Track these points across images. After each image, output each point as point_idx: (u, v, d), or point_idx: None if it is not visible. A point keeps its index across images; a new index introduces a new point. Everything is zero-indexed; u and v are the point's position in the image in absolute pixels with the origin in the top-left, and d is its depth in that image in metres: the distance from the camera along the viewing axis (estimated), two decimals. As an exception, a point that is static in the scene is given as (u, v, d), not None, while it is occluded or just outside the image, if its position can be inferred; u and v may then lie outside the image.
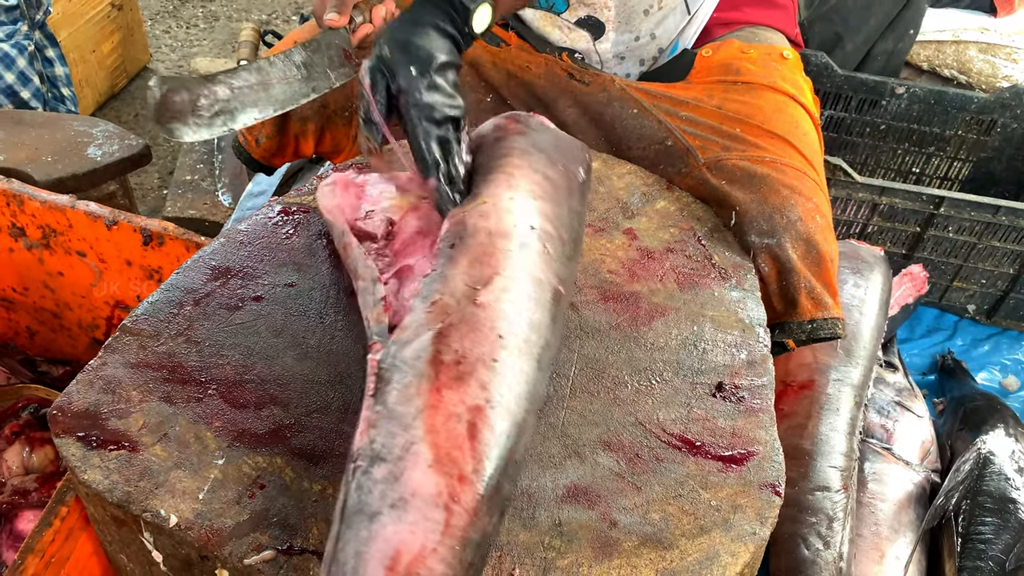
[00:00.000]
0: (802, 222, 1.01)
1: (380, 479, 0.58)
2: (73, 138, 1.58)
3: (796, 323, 1.03)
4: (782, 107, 1.12)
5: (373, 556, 0.56)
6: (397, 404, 0.62)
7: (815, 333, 1.03)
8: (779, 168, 1.05)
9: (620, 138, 1.17)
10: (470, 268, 0.71)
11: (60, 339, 1.38)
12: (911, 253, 1.73)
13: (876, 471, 1.31)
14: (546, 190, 0.80)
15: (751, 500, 0.74)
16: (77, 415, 0.76)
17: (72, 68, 2.18)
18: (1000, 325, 1.81)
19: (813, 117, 1.15)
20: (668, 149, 1.12)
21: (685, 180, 1.10)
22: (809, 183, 1.05)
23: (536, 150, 0.84)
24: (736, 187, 1.05)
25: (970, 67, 2.04)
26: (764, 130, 1.09)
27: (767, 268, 1.01)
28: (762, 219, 1.01)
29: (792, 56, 1.19)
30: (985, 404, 1.47)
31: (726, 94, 1.14)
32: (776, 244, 1.00)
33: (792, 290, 1.02)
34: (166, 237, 1.14)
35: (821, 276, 1.04)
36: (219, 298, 0.89)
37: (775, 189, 1.03)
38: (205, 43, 2.76)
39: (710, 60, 1.17)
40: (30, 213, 1.21)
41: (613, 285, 0.94)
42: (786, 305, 1.03)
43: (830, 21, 1.85)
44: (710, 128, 1.11)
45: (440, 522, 0.57)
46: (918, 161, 1.94)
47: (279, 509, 0.70)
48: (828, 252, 1.04)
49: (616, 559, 0.68)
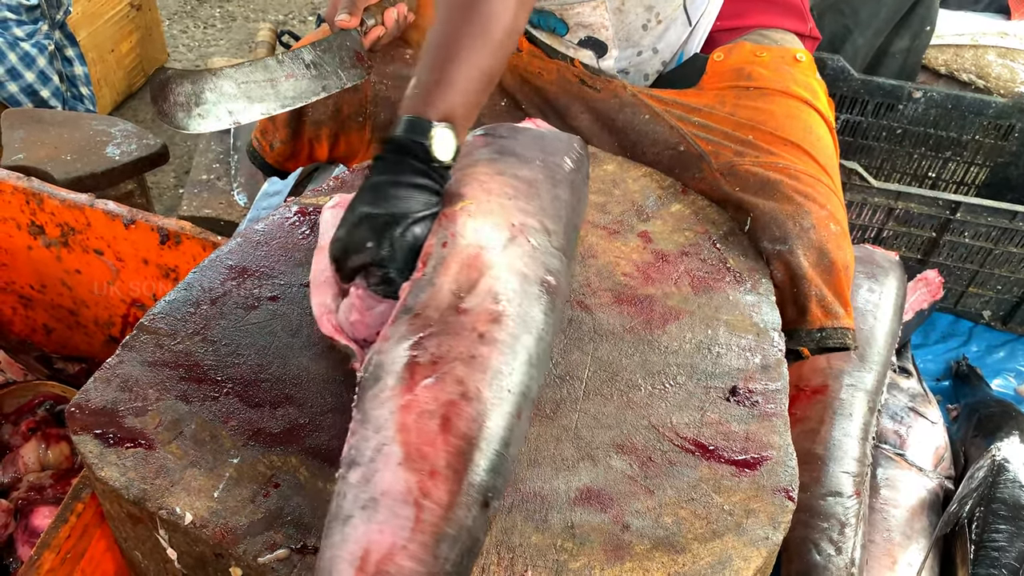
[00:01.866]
0: (815, 230, 1.01)
1: (354, 483, 0.59)
2: (92, 137, 1.60)
3: (805, 331, 1.03)
4: (795, 113, 1.11)
5: (343, 559, 0.56)
6: (372, 408, 0.63)
7: (824, 342, 1.03)
8: (792, 175, 1.05)
9: (633, 143, 1.17)
10: (457, 275, 0.70)
11: (76, 336, 1.40)
12: (926, 258, 1.72)
13: (889, 477, 1.30)
14: (518, 188, 0.80)
15: (764, 505, 0.73)
16: (94, 412, 0.77)
17: (91, 67, 2.20)
18: (1016, 332, 1.79)
19: (827, 121, 1.15)
20: (681, 154, 1.12)
21: (698, 185, 1.10)
22: (823, 189, 1.05)
23: (503, 154, 0.84)
24: (749, 193, 1.05)
25: (988, 71, 2.02)
26: (777, 136, 1.08)
27: (780, 274, 1.01)
28: (775, 225, 1.01)
29: (806, 58, 1.18)
30: (1000, 411, 1.45)
31: (738, 100, 1.13)
32: (788, 251, 1.00)
33: (803, 298, 1.02)
34: (183, 236, 1.15)
35: (833, 285, 1.03)
36: (235, 297, 0.89)
37: (788, 196, 1.03)
38: (222, 43, 2.78)
39: (722, 65, 1.17)
40: (49, 211, 1.22)
41: (627, 288, 0.94)
42: (797, 312, 1.03)
43: (840, 12, 1.84)
44: (723, 134, 1.11)
45: (410, 519, 0.57)
46: (935, 166, 1.93)
47: (293, 508, 0.71)
48: (841, 260, 1.03)
49: (628, 562, 0.68)
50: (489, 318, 0.68)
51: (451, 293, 0.69)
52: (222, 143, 2.12)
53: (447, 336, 0.66)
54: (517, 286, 0.71)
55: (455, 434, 0.61)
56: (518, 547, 0.68)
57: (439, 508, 0.58)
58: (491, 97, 1.23)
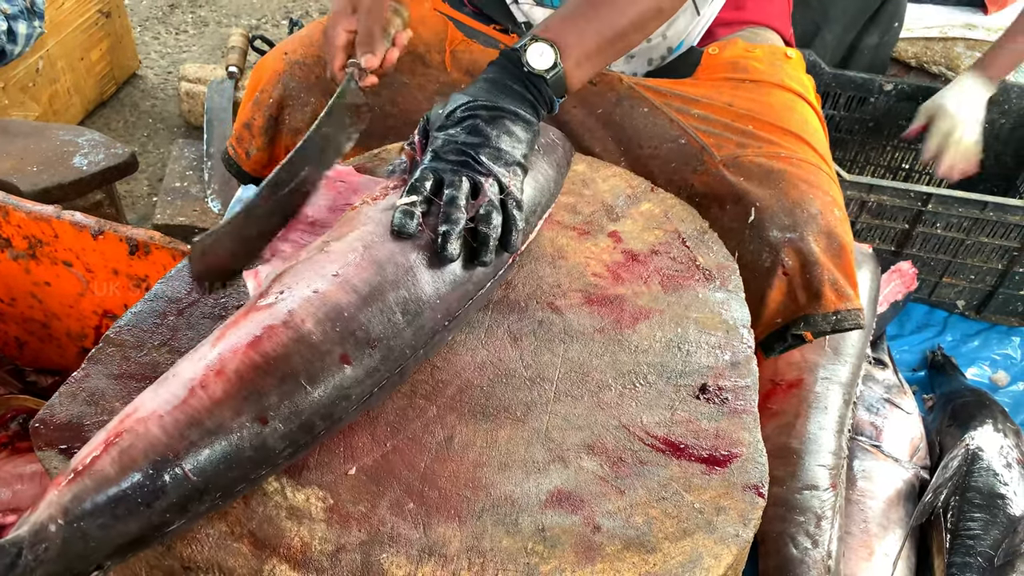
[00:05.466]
0: (822, 216, 1.02)
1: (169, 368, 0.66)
2: (59, 147, 1.58)
3: (821, 315, 1.04)
4: (791, 104, 1.13)
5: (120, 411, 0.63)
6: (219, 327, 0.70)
7: (839, 324, 1.04)
8: (795, 163, 1.06)
9: (630, 138, 1.16)
10: (333, 231, 0.78)
11: (49, 349, 1.38)
12: (900, 250, 1.74)
13: (865, 469, 1.32)
14: None
15: (734, 502, 0.74)
16: (59, 427, 0.76)
17: (60, 76, 2.18)
18: (989, 320, 1.82)
19: (819, 114, 1.17)
20: (682, 147, 1.12)
21: (702, 178, 1.10)
22: (824, 177, 1.06)
23: None
24: (754, 183, 1.05)
25: (958, 63, 2.05)
26: (776, 127, 1.09)
27: (791, 262, 1.02)
28: (783, 214, 1.02)
29: (795, 55, 1.20)
30: (974, 400, 1.47)
31: (735, 91, 1.14)
32: (799, 237, 1.01)
33: (816, 282, 1.02)
34: (152, 246, 1.14)
35: (843, 268, 1.05)
36: (203, 307, 0.89)
37: (794, 184, 1.03)
38: (194, 49, 2.76)
39: (717, 58, 1.18)
40: (15, 224, 1.21)
41: (597, 288, 0.94)
42: (810, 298, 1.04)
43: (808, 8, 1.85)
44: (723, 125, 1.11)
45: (179, 397, 0.62)
46: (907, 158, 1.95)
47: (261, 517, 0.70)
48: (848, 244, 1.05)
49: (599, 563, 0.68)
50: (346, 260, 0.72)
51: (322, 241, 0.76)
52: (195, 150, 2.11)
53: (302, 271, 0.72)
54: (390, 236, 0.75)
55: (258, 351, 0.65)
56: (488, 552, 0.68)
57: (207, 400, 0.62)
58: None
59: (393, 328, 0.72)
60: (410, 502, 0.70)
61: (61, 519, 0.56)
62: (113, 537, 0.58)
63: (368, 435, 0.75)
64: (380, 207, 0.81)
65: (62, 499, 0.56)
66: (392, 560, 0.65)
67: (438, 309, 0.76)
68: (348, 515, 0.68)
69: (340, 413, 0.69)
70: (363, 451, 0.73)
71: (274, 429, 0.64)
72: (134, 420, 0.61)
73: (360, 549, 0.66)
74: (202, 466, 0.61)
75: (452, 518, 0.69)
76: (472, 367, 0.83)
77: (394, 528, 0.68)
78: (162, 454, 0.59)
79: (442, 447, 0.75)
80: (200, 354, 0.66)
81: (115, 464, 0.58)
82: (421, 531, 0.68)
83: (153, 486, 0.58)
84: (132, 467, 0.58)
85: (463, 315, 0.81)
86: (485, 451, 0.75)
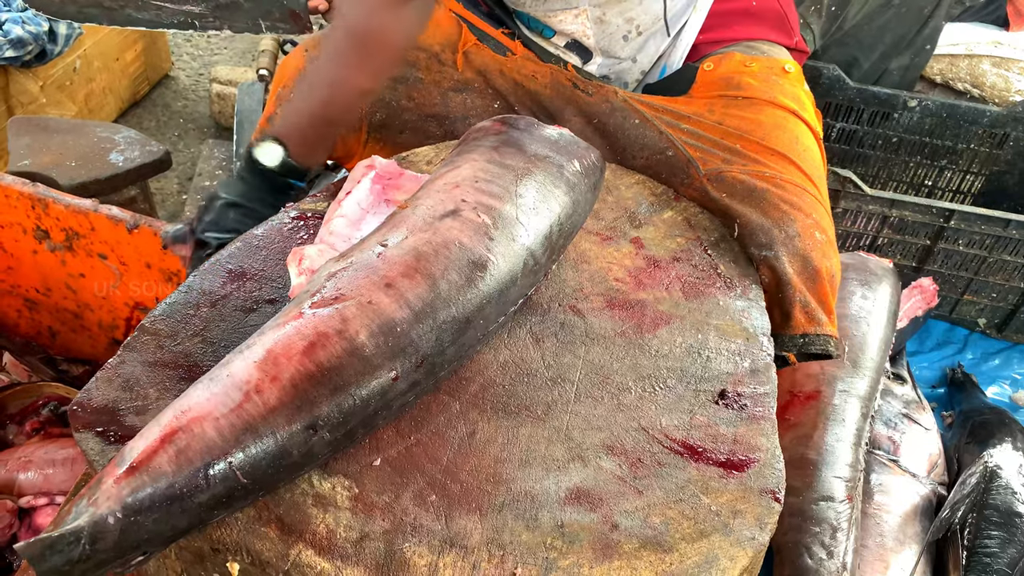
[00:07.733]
0: (800, 238, 1.03)
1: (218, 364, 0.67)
2: (96, 144, 1.62)
3: (788, 336, 1.05)
4: (782, 123, 1.13)
5: (173, 407, 0.64)
6: (273, 319, 0.71)
7: (807, 347, 1.05)
8: (779, 184, 1.07)
9: (623, 147, 1.19)
10: (388, 231, 0.78)
11: (80, 339, 1.42)
12: (921, 266, 1.73)
13: (882, 483, 1.32)
14: (494, 174, 0.84)
15: (751, 506, 0.75)
16: (96, 411, 0.78)
17: (96, 75, 2.23)
18: (1011, 339, 1.80)
19: (815, 132, 1.16)
20: (669, 159, 1.14)
21: (687, 191, 1.12)
22: (809, 199, 1.07)
23: (507, 144, 0.89)
24: (736, 200, 1.06)
25: (983, 81, 2.04)
26: (764, 146, 1.10)
27: (766, 279, 1.03)
28: (761, 232, 1.03)
29: (794, 69, 1.20)
30: (994, 418, 1.47)
31: (726, 109, 1.15)
32: (774, 256, 1.02)
33: (787, 303, 1.04)
34: (185, 241, 1.17)
35: (817, 292, 1.05)
36: (234, 300, 0.91)
37: (774, 204, 1.05)
38: (226, 52, 2.81)
39: (712, 74, 1.19)
40: (54, 216, 1.24)
41: (619, 293, 0.96)
42: (782, 317, 1.05)
43: (845, 45, 1.87)
44: (711, 142, 1.13)
45: (235, 401, 0.63)
46: (930, 174, 1.95)
47: (288, 504, 0.72)
48: (826, 269, 1.05)
49: (616, 560, 0.69)
50: (401, 271, 0.73)
51: (377, 243, 0.76)
52: (225, 150, 2.15)
53: (358, 276, 0.72)
54: (445, 250, 0.75)
55: (312, 360, 0.65)
56: (508, 545, 0.69)
57: (262, 406, 0.63)
58: (484, 99, 1.26)
59: (439, 346, 0.73)
60: (432, 494, 0.71)
61: (120, 512, 0.58)
62: (164, 530, 0.60)
63: (393, 428, 0.76)
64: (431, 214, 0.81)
65: (121, 493, 0.59)
66: (414, 550, 0.67)
67: (479, 327, 0.78)
68: (372, 504, 0.70)
69: (381, 421, 0.72)
70: (388, 443, 0.75)
71: (321, 437, 0.66)
72: (190, 419, 0.62)
73: (383, 538, 0.68)
74: (252, 468, 0.63)
75: (473, 511, 0.71)
76: (495, 366, 0.84)
77: (416, 519, 0.69)
78: (217, 456, 0.61)
79: (464, 442, 0.76)
80: (254, 353, 0.66)
81: (172, 463, 0.60)
82: (443, 523, 0.69)
83: (206, 485, 0.61)
84: (188, 467, 0.60)
85: (496, 329, 0.83)
86: (506, 447, 0.77)
